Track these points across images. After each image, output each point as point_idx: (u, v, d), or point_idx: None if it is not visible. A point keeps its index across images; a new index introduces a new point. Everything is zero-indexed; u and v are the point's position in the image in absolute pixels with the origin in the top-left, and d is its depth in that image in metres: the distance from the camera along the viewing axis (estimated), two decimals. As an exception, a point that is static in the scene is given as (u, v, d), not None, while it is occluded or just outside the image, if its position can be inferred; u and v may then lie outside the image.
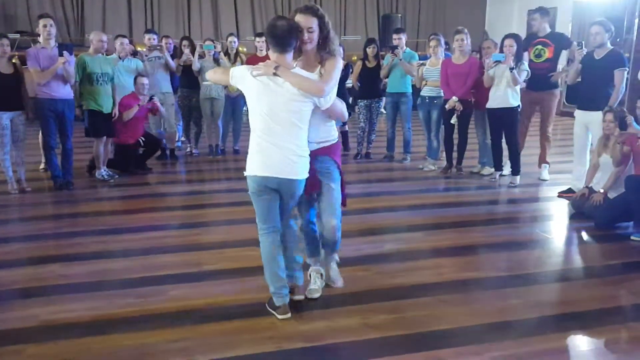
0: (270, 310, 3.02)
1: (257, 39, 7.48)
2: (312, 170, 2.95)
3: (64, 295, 3.30)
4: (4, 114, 5.35)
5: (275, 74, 2.74)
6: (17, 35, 11.22)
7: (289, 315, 2.97)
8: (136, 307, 3.11)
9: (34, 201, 5.41)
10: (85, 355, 2.65)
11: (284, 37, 2.73)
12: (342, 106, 3.08)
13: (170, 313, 3.02)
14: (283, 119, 2.78)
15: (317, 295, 3.22)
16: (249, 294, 3.24)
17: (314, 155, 2.97)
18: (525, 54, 5.90)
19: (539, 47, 6.06)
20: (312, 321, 2.99)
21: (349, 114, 9.09)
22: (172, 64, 7.02)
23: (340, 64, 2.88)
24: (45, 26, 5.45)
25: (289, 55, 2.79)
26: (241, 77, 2.85)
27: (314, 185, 3.03)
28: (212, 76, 3.12)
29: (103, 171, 6.16)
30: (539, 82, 6.01)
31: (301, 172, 2.86)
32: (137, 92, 6.36)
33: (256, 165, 2.85)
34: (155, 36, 7.28)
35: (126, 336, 2.80)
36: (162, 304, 3.13)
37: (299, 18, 2.80)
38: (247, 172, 2.89)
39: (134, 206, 5.27)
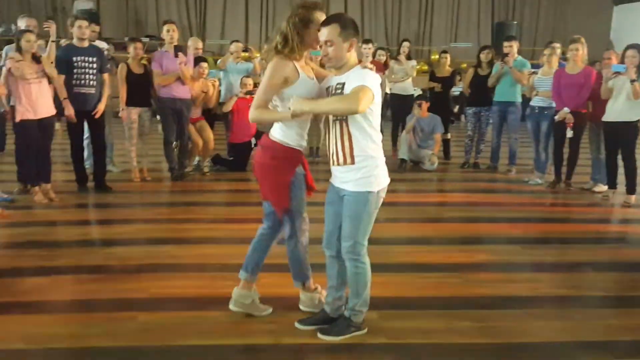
0: (355, 331, 2.86)
1: (364, 45, 7.61)
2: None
3: (173, 273, 3.66)
4: (133, 109, 5.96)
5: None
6: (147, 39, 12.34)
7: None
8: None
9: (153, 189, 5.96)
10: (187, 326, 2.92)
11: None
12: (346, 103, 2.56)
13: (263, 298, 3.20)
14: None
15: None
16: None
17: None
18: None
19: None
20: (397, 320, 3.05)
21: (452, 122, 9.01)
22: None
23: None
24: (168, 31, 5.97)
25: None
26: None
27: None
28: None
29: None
30: None
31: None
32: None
33: (385, 177, 2.72)
34: None
35: (223, 313, 3.05)
36: (258, 289, 3.34)
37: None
38: (381, 185, 2.68)
39: (239, 199, 5.64)
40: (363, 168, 2.60)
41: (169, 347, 2.73)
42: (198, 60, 6.35)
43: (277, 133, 2.77)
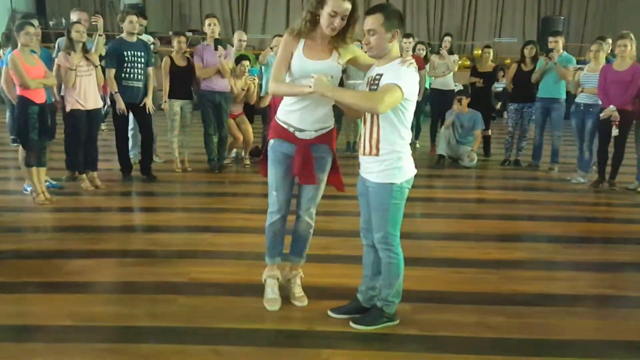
0: (387, 321, 2.89)
1: (404, 39, 7.55)
2: (311, 160, 2.82)
3: (211, 260, 3.77)
4: (175, 101, 6.12)
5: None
6: (190, 34, 12.59)
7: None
8: (270, 278, 3.45)
9: (193, 179, 6.12)
10: (224, 310, 3.02)
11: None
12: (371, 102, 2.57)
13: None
14: None
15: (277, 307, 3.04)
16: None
17: (313, 144, 2.82)
18: None
19: None
20: (430, 312, 3.06)
21: (493, 118, 8.86)
22: None
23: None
24: (209, 25, 6.10)
25: None
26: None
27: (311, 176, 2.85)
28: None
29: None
30: None
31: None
32: None
33: (410, 168, 2.71)
34: None
35: (257, 299, 3.12)
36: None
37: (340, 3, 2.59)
38: (405, 177, 2.68)
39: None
40: (386, 160, 2.64)
41: (207, 329, 2.83)
42: (240, 58, 6.48)
43: (332, 118, 2.86)
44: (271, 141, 2.90)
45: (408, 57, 2.64)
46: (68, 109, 5.18)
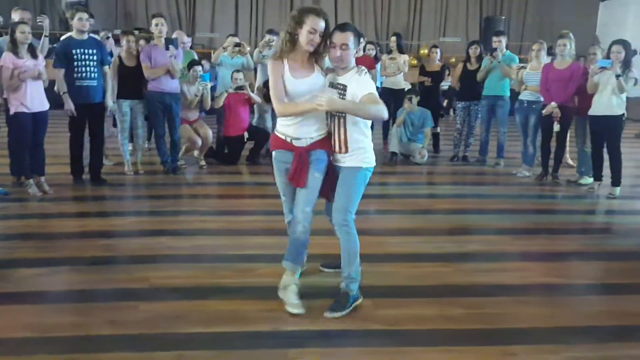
0: (355, 300, 3.09)
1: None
2: (306, 165, 2.98)
3: (170, 264, 3.72)
4: (124, 101, 5.96)
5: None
6: (136, 32, 12.30)
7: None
8: (231, 279, 3.45)
9: (146, 182, 5.99)
10: (188, 314, 3.00)
11: None
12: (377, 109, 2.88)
13: (262, 287, 3.29)
14: None
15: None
16: (337, 278, 3.40)
17: (310, 150, 2.99)
18: None
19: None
20: (391, 308, 3.14)
21: (442, 116, 9.12)
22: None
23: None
24: (157, 25, 5.94)
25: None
26: None
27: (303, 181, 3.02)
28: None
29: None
30: None
31: None
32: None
33: (373, 159, 3.09)
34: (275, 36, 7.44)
35: (221, 302, 3.13)
36: (255, 279, 3.43)
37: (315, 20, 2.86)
38: (370, 164, 3.07)
39: (232, 192, 5.70)
40: (354, 154, 3.02)
41: (170, 334, 2.80)
42: (192, 63, 6.38)
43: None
44: (273, 153, 3.14)
45: (360, 66, 2.97)
46: (12, 111, 4.97)
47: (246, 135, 6.92)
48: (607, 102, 5.57)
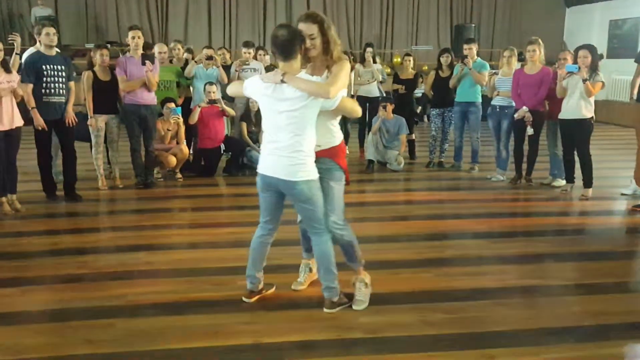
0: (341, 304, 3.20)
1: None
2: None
3: (148, 279, 3.66)
4: (99, 116, 5.89)
5: (282, 82, 2.83)
6: (108, 46, 12.17)
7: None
8: (211, 292, 3.41)
9: (122, 197, 5.91)
10: (167, 330, 2.95)
11: (284, 45, 2.85)
12: (352, 104, 3.14)
13: (241, 300, 3.26)
14: (284, 133, 2.91)
15: (300, 287, 3.45)
16: (317, 286, 3.35)
17: (316, 158, 3.01)
18: None
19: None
20: (372, 315, 3.15)
21: (416, 123, 9.22)
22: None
23: (347, 66, 2.95)
24: (133, 37, 5.90)
25: (295, 62, 2.89)
26: (253, 89, 3.02)
27: None
28: (231, 89, 3.39)
29: None
30: None
31: (298, 174, 2.93)
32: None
33: (262, 165, 3.06)
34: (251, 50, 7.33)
35: (202, 317, 3.09)
36: (235, 291, 3.39)
37: (301, 26, 2.90)
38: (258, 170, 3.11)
39: (209, 204, 5.65)
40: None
41: (149, 352, 2.75)
42: (165, 101, 6.39)
43: (338, 135, 3.15)
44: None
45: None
46: (-18, 130, 4.85)
47: (222, 147, 6.88)
48: (575, 106, 5.69)
